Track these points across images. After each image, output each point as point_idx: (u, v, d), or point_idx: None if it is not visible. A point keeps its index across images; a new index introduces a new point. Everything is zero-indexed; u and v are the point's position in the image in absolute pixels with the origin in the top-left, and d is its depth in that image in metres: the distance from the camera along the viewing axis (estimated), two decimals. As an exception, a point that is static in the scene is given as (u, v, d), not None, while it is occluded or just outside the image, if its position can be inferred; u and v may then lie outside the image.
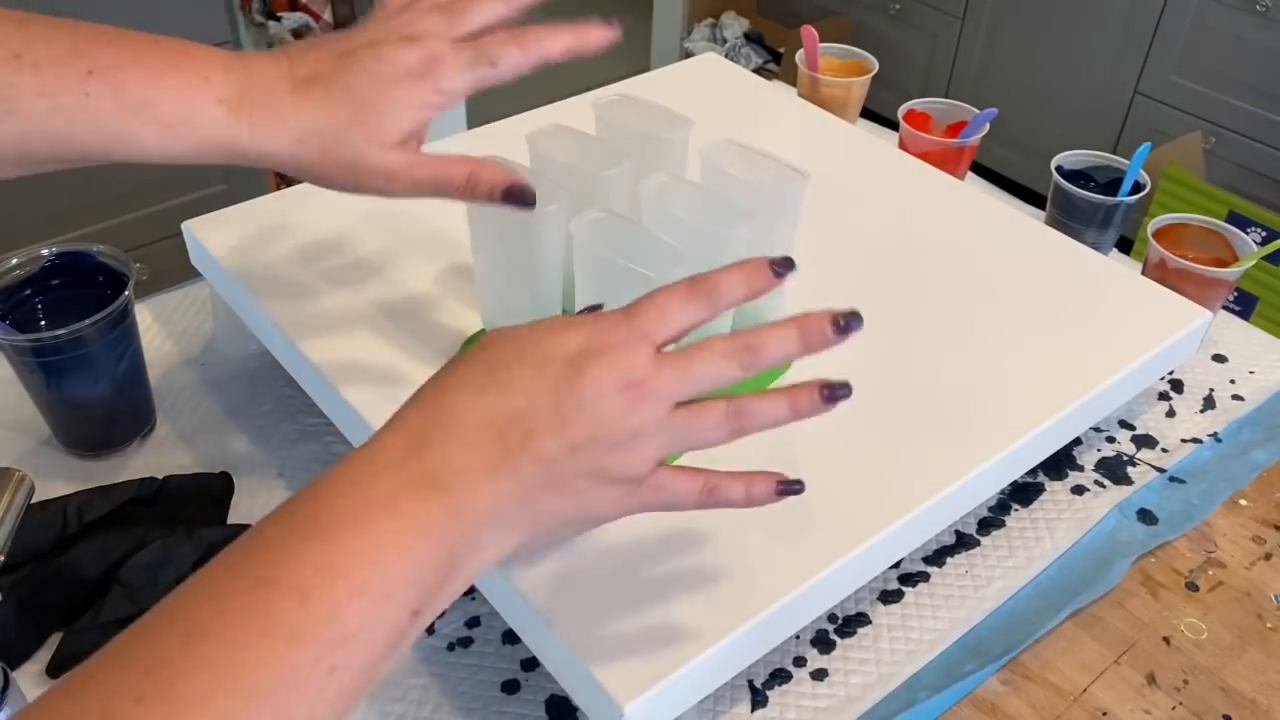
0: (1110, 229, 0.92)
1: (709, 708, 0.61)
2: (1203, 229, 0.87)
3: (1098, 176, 0.95)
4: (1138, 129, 2.24)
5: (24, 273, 0.71)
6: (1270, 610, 0.69)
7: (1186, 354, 0.77)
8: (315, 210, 0.79)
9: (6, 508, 0.52)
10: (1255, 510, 0.76)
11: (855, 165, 0.88)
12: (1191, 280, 0.82)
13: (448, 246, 0.76)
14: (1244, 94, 2.07)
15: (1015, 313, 0.74)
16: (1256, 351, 0.88)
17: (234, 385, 0.79)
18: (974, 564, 0.69)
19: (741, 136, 0.65)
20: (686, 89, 0.97)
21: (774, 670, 0.63)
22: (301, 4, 2.02)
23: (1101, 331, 0.72)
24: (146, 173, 1.72)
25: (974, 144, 0.98)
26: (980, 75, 2.50)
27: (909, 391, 0.67)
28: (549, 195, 0.58)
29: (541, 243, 0.59)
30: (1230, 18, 2.04)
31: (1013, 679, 0.64)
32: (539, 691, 0.61)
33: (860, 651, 0.64)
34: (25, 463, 0.72)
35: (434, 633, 0.64)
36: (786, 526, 0.58)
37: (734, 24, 3.01)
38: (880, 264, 0.78)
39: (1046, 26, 2.33)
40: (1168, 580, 0.70)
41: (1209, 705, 0.63)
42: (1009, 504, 0.73)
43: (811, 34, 1.04)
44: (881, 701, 0.61)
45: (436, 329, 0.69)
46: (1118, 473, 0.76)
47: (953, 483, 0.61)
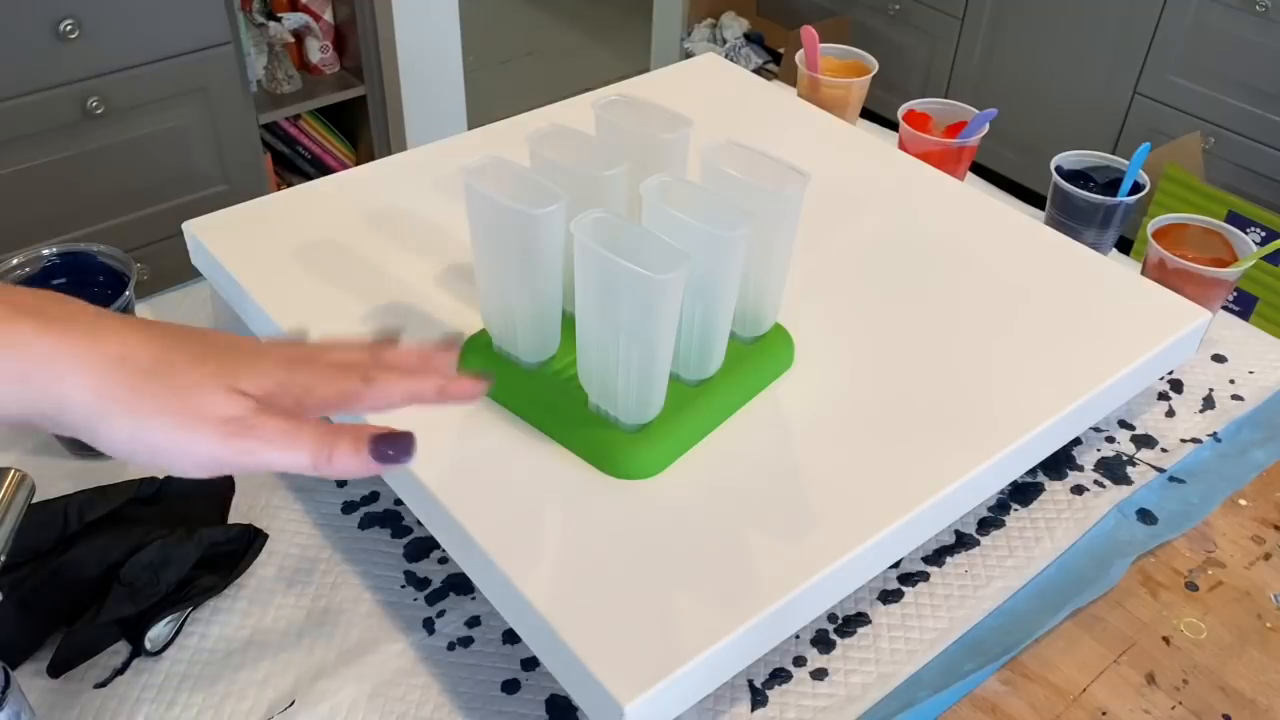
0: (1110, 229, 0.92)
1: (709, 708, 0.61)
2: (1202, 229, 0.87)
3: (1097, 176, 0.95)
4: (1138, 129, 2.24)
5: (25, 273, 0.71)
6: (1270, 610, 0.69)
7: (1186, 354, 0.77)
8: (315, 210, 0.79)
9: (6, 508, 0.51)
10: (1255, 510, 0.76)
11: (855, 165, 0.89)
12: (1191, 280, 0.82)
13: (448, 246, 0.76)
14: (1244, 94, 2.07)
15: (1015, 313, 0.74)
16: (1256, 351, 0.88)
17: (234, 385, 0.79)
18: (974, 564, 0.69)
19: (741, 136, 0.65)
20: (686, 89, 0.97)
21: (774, 670, 0.63)
22: (301, 4, 2.02)
23: (1101, 331, 0.72)
24: (146, 173, 1.72)
25: (974, 144, 0.98)
26: (980, 75, 2.50)
27: (908, 391, 0.67)
28: (549, 195, 0.58)
29: (541, 243, 0.59)
30: (1230, 18, 2.04)
31: (1013, 679, 0.64)
32: (539, 691, 0.61)
33: (860, 651, 0.64)
34: (25, 463, 0.72)
35: (434, 633, 0.64)
36: (786, 526, 0.58)
37: (734, 24, 3.01)
38: (880, 264, 0.78)
39: (1046, 26, 2.33)
40: (1167, 580, 0.70)
41: (1208, 705, 0.63)
42: (1009, 504, 0.74)
43: (811, 34, 1.04)
44: (881, 701, 0.61)
45: (436, 329, 0.69)
46: (1117, 472, 0.76)
47: (953, 483, 0.61)
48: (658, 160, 0.65)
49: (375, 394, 0.46)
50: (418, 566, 0.68)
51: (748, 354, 0.67)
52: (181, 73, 1.65)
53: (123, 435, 0.41)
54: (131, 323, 0.43)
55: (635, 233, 0.56)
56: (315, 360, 0.46)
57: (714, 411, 0.64)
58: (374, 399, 0.46)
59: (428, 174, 0.84)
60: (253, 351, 0.45)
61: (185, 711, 0.59)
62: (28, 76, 1.52)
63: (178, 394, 0.42)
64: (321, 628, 0.64)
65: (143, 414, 0.41)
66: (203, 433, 0.42)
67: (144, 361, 0.42)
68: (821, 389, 0.67)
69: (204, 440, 0.42)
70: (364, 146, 2.18)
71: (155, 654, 0.62)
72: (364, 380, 0.46)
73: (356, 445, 0.44)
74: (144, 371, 0.41)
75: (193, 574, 0.64)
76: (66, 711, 0.59)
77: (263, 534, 0.67)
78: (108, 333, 0.42)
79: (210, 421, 0.42)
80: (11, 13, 1.47)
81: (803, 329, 0.70)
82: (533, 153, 0.64)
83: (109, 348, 0.41)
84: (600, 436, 0.61)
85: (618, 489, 0.60)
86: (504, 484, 0.60)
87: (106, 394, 0.41)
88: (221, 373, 0.43)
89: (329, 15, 2.06)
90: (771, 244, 0.63)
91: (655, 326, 0.56)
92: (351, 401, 0.46)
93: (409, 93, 2.13)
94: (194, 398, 0.42)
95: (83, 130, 1.61)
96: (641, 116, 0.68)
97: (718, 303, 0.61)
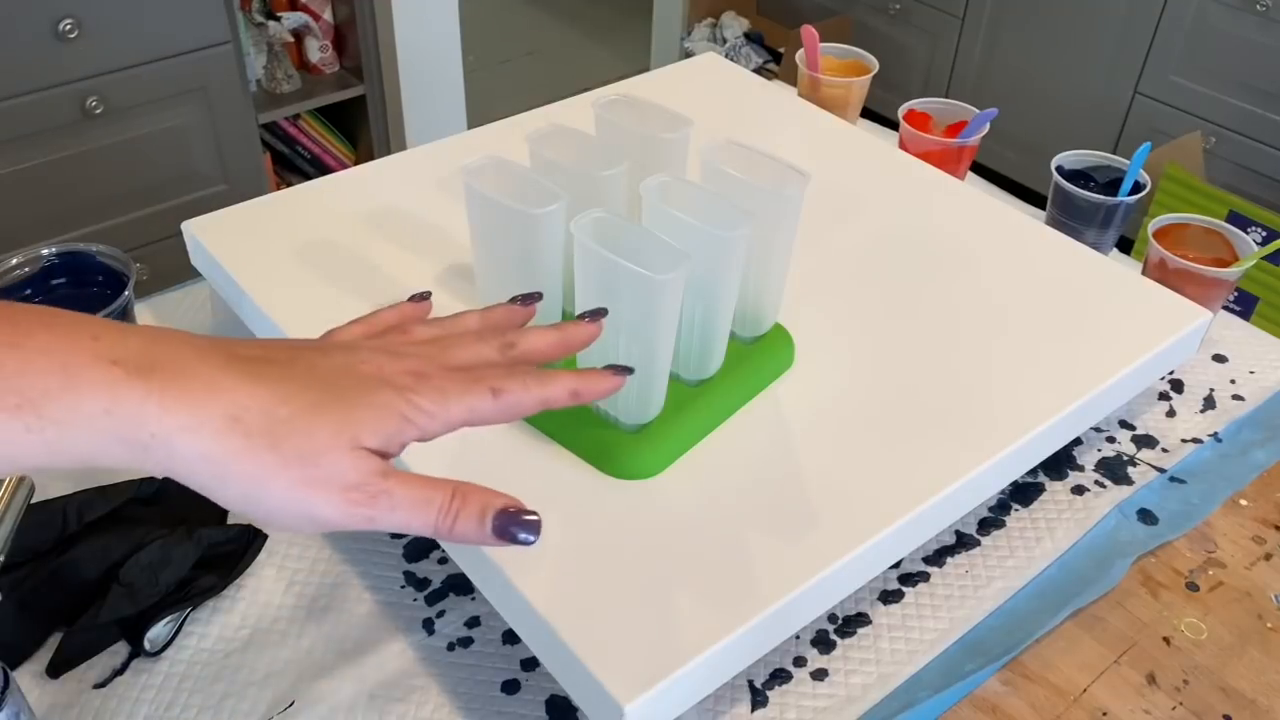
0: (1110, 229, 0.92)
1: (709, 708, 0.61)
2: (1203, 229, 0.87)
3: (1098, 176, 0.95)
4: (1138, 129, 2.24)
5: (24, 273, 0.71)
6: (1270, 610, 0.69)
7: (1187, 354, 0.77)
8: (315, 210, 0.79)
9: (6, 508, 0.51)
10: (1255, 510, 0.76)
11: (855, 165, 0.88)
12: (1192, 280, 0.82)
13: (448, 246, 0.76)
14: (1244, 94, 2.07)
15: (1015, 312, 0.74)
16: (1257, 351, 0.88)
17: (234, 385, 0.79)
18: (974, 564, 0.69)
19: (741, 136, 0.65)
20: (686, 89, 0.97)
21: (774, 670, 0.63)
22: (301, 4, 2.02)
23: (1101, 331, 0.72)
24: (146, 173, 1.72)
25: (974, 144, 0.98)
26: (980, 75, 2.50)
27: (909, 391, 0.67)
28: (549, 195, 0.58)
29: (541, 243, 0.59)
30: (1230, 18, 2.04)
31: (1013, 679, 0.64)
32: (539, 691, 0.61)
33: (860, 651, 0.64)
34: (25, 463, 0.72)
35: (434, 633, 0.64)
36: (786, 526, 0.58)
37: (734, 24, 3.01)
38: (880, 264, 0.78)
39: (1046, 26, 2.33)
40: (1168, 580, 0.70)
41: (1209, 705, 0.63)
42: (1009, 504, 0.73)
43: (811, 34, 1.04)
44: (881, 701, 0.61)
45: (436, 329, 0.69)
46: (1118, 473, 0.76)
47: (953, 483, 0.61)
48: (658, 160, 0.65)
49: (504, 409, 0.43)
50: (417, 567, 0.68)
51: (748, 354, 0.67)
52: (181, 72, 1.65)
53: (236, 497, 0.38)
54: (235, 368, 0.38)
55: (635, 233, 0.56)
56: (433, 374, 0.42)
57: (714, 411, 0.64)
58: (503, 414, 0.43)
59: (428, 174, 0.84)
60: (370, 382, 0.40)
61: (185, 712, 0.59)
62: (27, 76, 1.52)
63: (299, 464, 0.38)
64: (321, 628, 0.64)
65: (262, 483, 0.38)
66: (325, 499, 0.38)
67: (258, 422, 0.37)
68: (821, 389, 0.67)
69: (326, 507, 0.39)
70: (364, 146, 2.18)
71: (155, 654, 0.62)
72: (494, 394, 0.42)
73: (482, 517, 0.41)
74: (261, 432, 0.37)
75: (192, 574, 0.64)
76: (66, 712, 0.59)
77: (262, 534, 0.67)
78: (214, 388, 0.37)
79: (334, 489, 0.38)
80: (11, 13, 1.47)
81: (803, 329, 0.70)
82: (533, 153, 0.64)
83: (218, 408, 0.37)
84: (600, 436, 0.61)
85: (618, 489, 0.60)
86: (504, 484, 0.60)
87: (219, 461, 0.37)
88: (343, 428, 0.39)
89: (328, 15, 2.06)
90: (771, 244, 0.63)
91: (655, 326, 0.56)
92: (478, 421, 0.42)
93: (409, 93, 2.13)
94: (317, 467, 0.38)
95: (82, 130, 1.61)
96: (641, 116, 0.68)
97: (718, 302, 0.61)
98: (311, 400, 0.39)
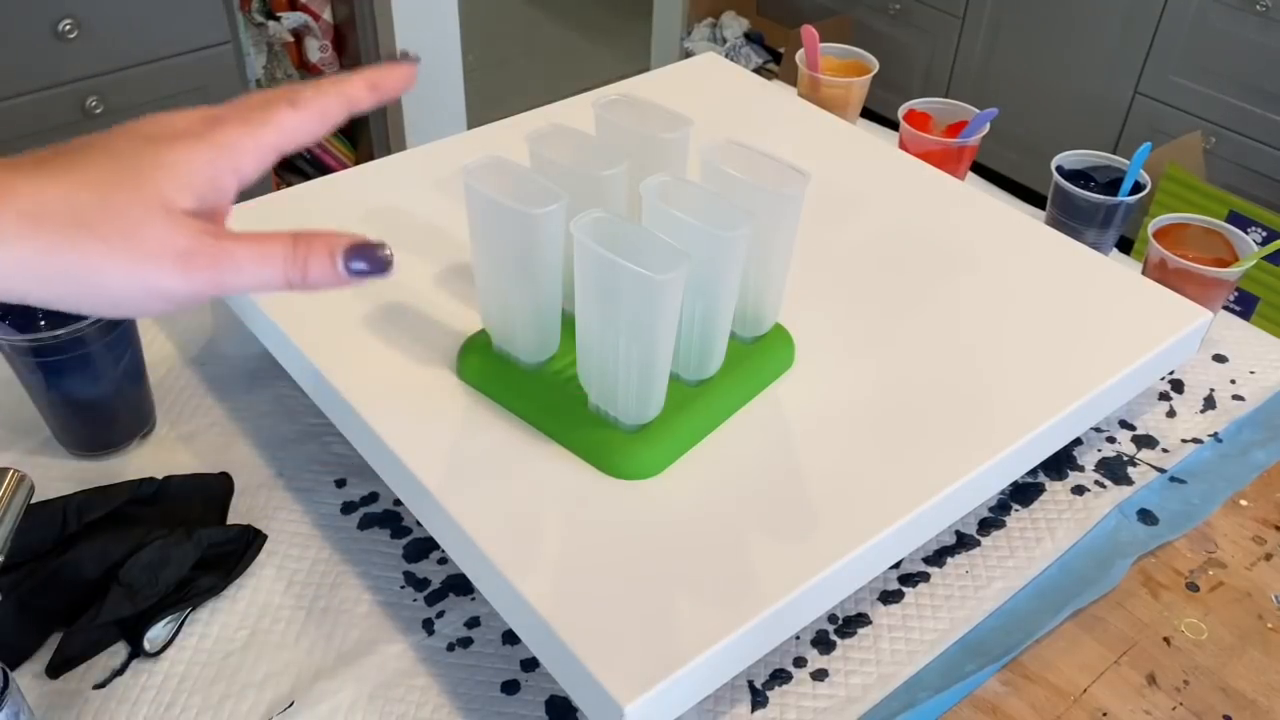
0: (1110, 229, 0.92)
1: (709, 708, 0.61)
2: (1203, 229, 0.87)
3: (1098, 176, 0.95)
4: (1138, 129, 2.24)
5: (23, 273, 0.71)
6: (1271, 610, 0.69)
7: (1187, 354, 0.77)
8: (315, 210, 0.79)
9: (6, 508, 0.51)
10: (1256, 510, 0.76)
11: (855, 165, 0.88)
12: (1192, 280, 0.82)
13: (448, 246, 0.76)
14: (1244, 94, 2.07)
15: (1015, 313, 0.74)
16: (1257, 352, 0.88)
17: (234, 385, 0.79)
18: (974, 564, 0.69)
19: (741, 136, 0.65)
20: (686, 89, 0.97)
21: (774, 670, 0.63)
22: (301, 4, 2.02)
23: (1101, 331, 0.72)
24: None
25: (974, 144, 0.98)
26: (980, 75, 2.50)
27: (909, 391, 0.67)
28: (549, 195, 0.58)
29: (541, 243, 0.59)
30: (1230, 18, 2.04)
31: (1013, 679, 0.64)
32: (539, 691, 0.61)
33: (860, 652, 0.64)
34: (25, 463, 0.72)
35: (434, 633, 0.64)
36: (786, 526, 0.58)
37: (734, 24, 3.01)
38: (880, 264, 0.78)
39: (1046, 26, 2.33)
40: (1168, 580, 0.70)
41: (1209, 705, 0.63)
42: (1009, 504, 0.73)
43: (812, 34, 1.04)
44: (881, 702, 0.61)
45: (436, 329, 0.69)
46: (1118, 473, 0.76)
47: (953, 483, 0.61)
48: (658, 160, 0.65)
49: (309, 116, 0.42)
50: (417, 567, 0.68)
51: (748, 354, 0.67)
52: (181, 72, 1.65)
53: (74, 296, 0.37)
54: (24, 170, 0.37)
55: (635, 233, 0.56)
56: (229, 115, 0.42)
57: (714, 412, 0.64)
58: (310, 120, 0.43)
59: (428, 174, 0.84)
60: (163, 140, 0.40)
61: (184, 712, 0.59)
62: (27, 76, 1.53)
63: (123, 242, 0.37)
64: (320, 628, 0.64)
65: (96, 270, 0.37)
66: (163, 271, 0.37)
67: (64, 211, 0.36)
68: (821, 389, 0.67)
69: (168, 279, 0.38)
70: (364, 146, 2.18)
71: (154, 655, 0.62)
72: (291, 104, 0.42)
73: (332, 256, 0.40)
74: (73, 223, 0.36)
75: (192, 574, 0.64)
76: (65, 712, 0.59)
77: (262, 534, 0.67)
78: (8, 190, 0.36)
79: (168, 258, 0.37)
80: (11, 13, 1.47)
81: (803, 329, 0.70)
82: (532, 152, 0.64)
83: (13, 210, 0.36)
84: (600, 436, 0.61)
85: (618, 489, 0.60)
86: (503, 484, 0.60)
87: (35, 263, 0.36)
88: (150, 193, 0.38)
89: (328, 15, 2.06)
90: (771, 244, 0.63)
91: (655, 326, 0.56)
92: (282, 127, 0.42)
93: (409, 93, 2.13)
94: (141, 240, 0.37)
95: (82, 130, 1.58)
96: (641, 116, 0.68)
97: (718, 302, 0.60)
98: (111, 178, 0.38)
